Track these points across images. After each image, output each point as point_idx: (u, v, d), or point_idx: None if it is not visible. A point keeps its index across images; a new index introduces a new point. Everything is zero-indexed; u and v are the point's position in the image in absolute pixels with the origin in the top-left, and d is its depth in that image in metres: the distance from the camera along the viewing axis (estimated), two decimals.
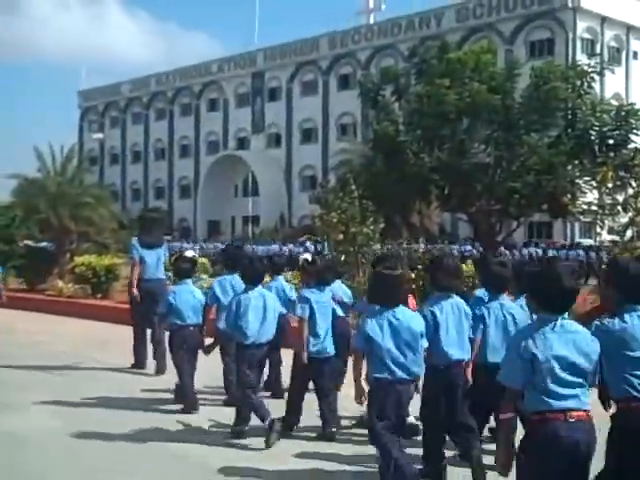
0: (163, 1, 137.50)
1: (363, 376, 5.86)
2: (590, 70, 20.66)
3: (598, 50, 47.55)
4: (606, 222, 21.14)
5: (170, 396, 9.25)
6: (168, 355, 9.53)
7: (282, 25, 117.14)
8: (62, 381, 10.80)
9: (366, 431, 6.25)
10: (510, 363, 4.06)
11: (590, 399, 4.12)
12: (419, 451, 6.37)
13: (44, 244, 27.24)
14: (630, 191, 20.60)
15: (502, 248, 26.61)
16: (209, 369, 9.36)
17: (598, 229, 24.48)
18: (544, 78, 20.05)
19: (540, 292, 4.12)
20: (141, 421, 8.37)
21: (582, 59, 31.29)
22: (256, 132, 66.91)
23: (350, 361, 6.69)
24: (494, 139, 20.56)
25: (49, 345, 13.97)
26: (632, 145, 19.89)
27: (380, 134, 20.86)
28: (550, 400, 3.94)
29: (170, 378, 9.71)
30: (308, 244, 33.35)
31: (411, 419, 6.80)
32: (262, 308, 7.59)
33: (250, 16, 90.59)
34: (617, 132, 19.51)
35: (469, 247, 32.64)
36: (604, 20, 50.14)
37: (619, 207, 20.26)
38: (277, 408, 7.81)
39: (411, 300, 7.21)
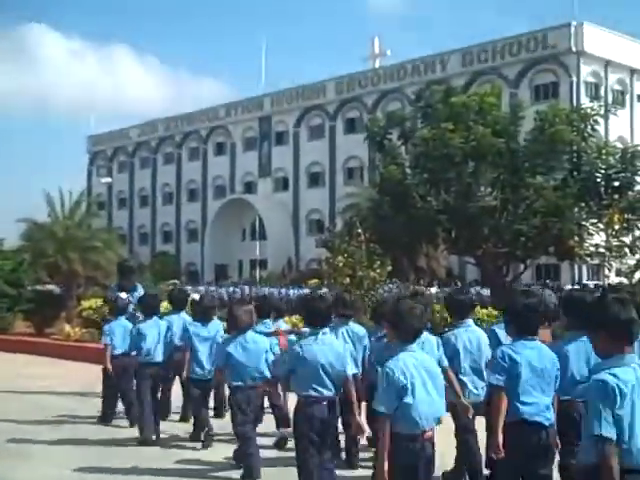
0: (172, 47, 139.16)
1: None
2: (594, 113, 20.77)
3: (602, 93, 48.04)
4: (613, 264, 21.20)
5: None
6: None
7: (289, 70, 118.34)
8: (69, 429, 10.78)
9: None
10: None
11: None
12: None
13: (52, 287, 27.34)
14: (637, 233, 20.66)
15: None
16: None
17: (606, 271, 24.54)
18: (549, 121, 20.15)
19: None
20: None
21: (586, 102, 31.61)
22: (263, 176, 67.22)
23: None
24: (500, 182, 20.62)
25: (52, 391, 13.97)
26: (638, 187, 19.94)
27: (387, 177, 20.94)
28: None
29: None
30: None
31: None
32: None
33: (257, 61, 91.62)
34: (622, 174, 19.56)
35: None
36: (608, 64, 50.54)
37: (626, 249, 20.34)
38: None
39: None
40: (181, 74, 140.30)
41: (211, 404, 10.54)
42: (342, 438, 7.87)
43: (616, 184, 19.74)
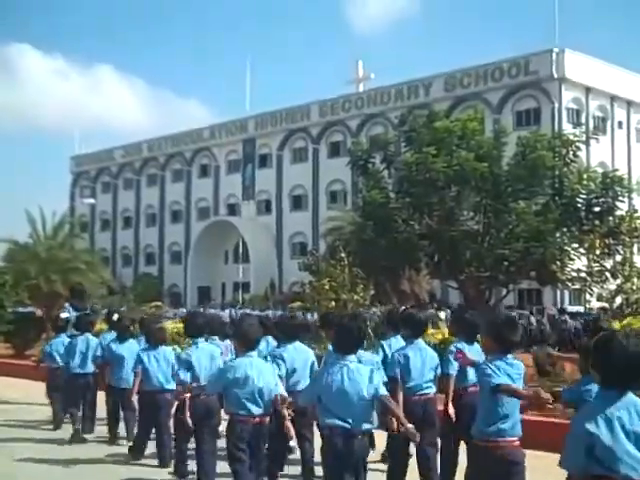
0: (157, 68, 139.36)
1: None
2: (576, 139, 20.95)
3: (583, 119, 48.48)
4: (595, 289, 21.31)
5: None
6: None
7: (273, 93, 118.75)
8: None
9: None
10: None
11: None
12: None
13: (32, 309, 27.14)
14: (618, 258, 20.81)
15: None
16: None
17: (587, 296, 24.67)
18: (531, 147, 20.30)
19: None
20: None
21: (568, 128, 31.88)
22: (246, 198, 67.28)
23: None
24: (482, 206, 20.72)
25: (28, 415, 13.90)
26: (618, 212, 20.10)
27: (369, 201, 21.00)
28: None
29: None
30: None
31: None
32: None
33: (241, 83, 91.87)
34: (603, 200, 19.71)
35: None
36: (589, 90, 51.06)
37: (607, 274, 20.46)
38: None
39: None
40: (166, 95, 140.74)
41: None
42: None
43: (597, 209, 19.89)
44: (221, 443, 8.04)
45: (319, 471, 6.79)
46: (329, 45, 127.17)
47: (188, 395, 8.29)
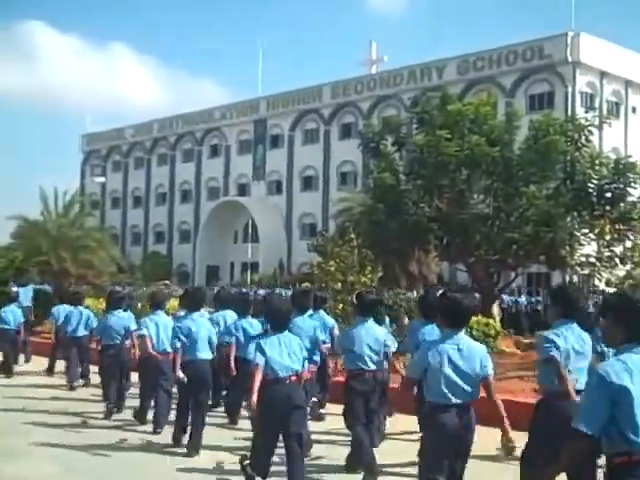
0: (171, 48, 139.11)
1: None
2: (588, 124, 20.84)
3: (597, 104, 48.16)
4: (604, 274, 21.26)
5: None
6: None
7: (285, 74, 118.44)
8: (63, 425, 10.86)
9: None
10: None
11: None
12: None
13: (43, 287, 27.26)
14: (628, 244, 20.74)
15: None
16: None
17: (596, 281, 24.62)
18: (543, 131, 20.20)
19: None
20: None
21: (581, 112, 31.67)
22: (257, 179, 67.24)
23: None
24: (493, 190, 20.67)
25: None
26: (630, 198, 20.01)
27: (380, 183, 20.97)
28: None
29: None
30: None
31: None
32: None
33: (254, 64, 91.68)
34: (615, 185, 19.62)
35: None
36: (603, 75, 50.72)
37: (617, 260, 20.41)
38: None
39: None
40: (180, 75, 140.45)
41: None
42: None
43: (608, 195, 19.80)
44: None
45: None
46: (342, 26, 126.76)
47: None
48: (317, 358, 9.88)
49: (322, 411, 11.20)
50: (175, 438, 9.68)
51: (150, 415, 10.82)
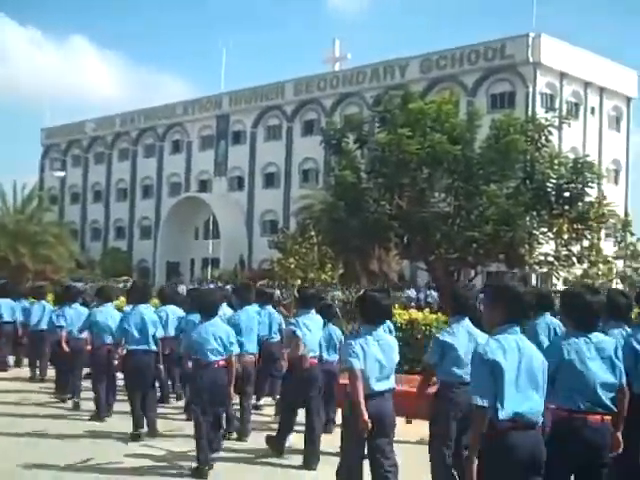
0: (134, 43, 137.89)
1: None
2: (548, 124, 21.00)
3: (557, 104, 48.66)
4: (561, 273, 21.49)
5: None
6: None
7: (249, 70, 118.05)
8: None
9: None
10: None
11: None
12: None
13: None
14: (585, 243, 20.98)
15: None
16: None
17: (554, 280, 24.86)
18: (504, 130, 20.32)
19: None
20: None
21: (541, 112, 31.92)
22: (219, 175, 66.97)
23: None
24: (454, 189, 20.74)
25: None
26: (587, 198, 20.22)
27: (341, 181, 20.95)
28: None
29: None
30: None
31: None
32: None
33: (218, 60, 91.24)
34: (573, 185, 19.80)
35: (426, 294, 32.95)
36: (563, 76, 51.28)
37: (574, 259, 20.63)
38: None
39: None
40: (142, 70, 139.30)
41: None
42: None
43: (567, 194, 19.98)
44: None
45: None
46: (306, 24, 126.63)
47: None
48: (253, 349, 10.17)
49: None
50: (135, 427, 9.82)
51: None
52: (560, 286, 26.47)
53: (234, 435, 9.71)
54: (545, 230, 20.55)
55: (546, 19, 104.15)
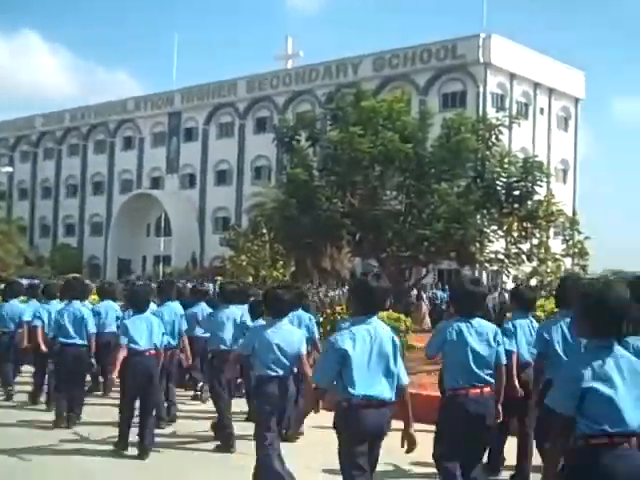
0: (84, 38, 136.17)
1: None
2: (499, 123, 21.23)
3: (507, 104, 49.27)
4: (511, 271, 21.76)
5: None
6: None
7: (201, 67, 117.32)
8: None
9: None
10: None
11: None
12: None
13: None
14: (534, 241, 21.26)
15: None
16: None
17: (504, 277, 25.14)
18: (455, 129, 20.49)
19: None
20: None
21: (492, 112, 32.30)
22: (171, 172, 66.55)
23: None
24: (405, 187, 20.87)
25: None
26: (536, 197, 20.50)
27: (293, 178, 20.96)
28: None
29: None
30: None
31: None
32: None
33: (169, 56, 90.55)
34: (522, 184, 20.05)
35: None
36: (513, 76, 51.90)
37: (523, 256, 20.91)
38: None
39: None
40: (94, 66, 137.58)
41: None
42: None
43: (516, 193, 20.23)
44: None
45: None
46: (259, 21, 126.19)
47: None
48: (174, 342, 10.47)
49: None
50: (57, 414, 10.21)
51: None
52: (510, 284, 26.79)
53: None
54: (495, 228, 20.79)
55: (497, 20, 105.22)
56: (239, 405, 10.47)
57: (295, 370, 7.21)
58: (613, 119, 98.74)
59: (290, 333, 7.21)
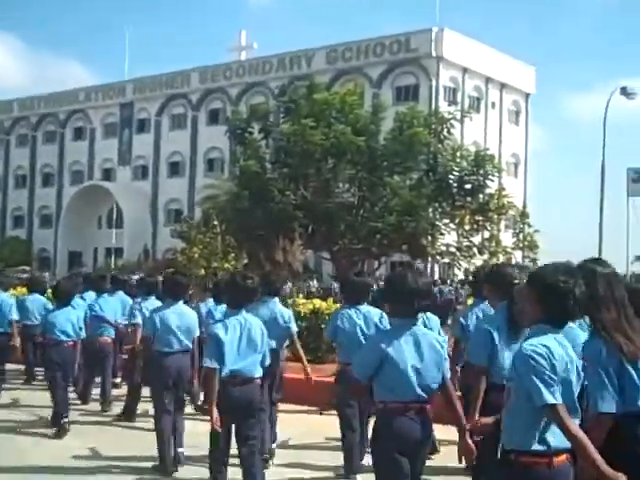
0: (36, 27, 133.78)
1: None
2: (451, 117, 21.39)
3: (459, 98, 49.63)
4: (463, 263, 21.94)
5: None
6: None
7: (155, 59, 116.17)
8: None
9: None
10: None
11: None
12: None
13: None
14: (486, 234, 21.46)
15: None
16: None
17: (456, 270, 25.34)
18: (407, 123, 20.62)
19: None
20: None
21: (444, 106, 32.52)
22: (122, 164, 65.83)
23: None
24: (358, 180, 20.96)
25: None
26: (488, 190, 20.71)
27: (246, 171, 20.91)
28: None
29: None
30: None
31: None
32: None
33: (122, 48, 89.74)
34: (474, 177, 20.26)
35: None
36: (465, 71, 52.25)
37: (475, 249, 21.10)
38: None
39: None
40: (43, 56, 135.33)
41: None
42: None
43: (468, 186, 20.43)
44: None
45: None
46: (213, 12, 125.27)
47: None
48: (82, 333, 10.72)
49: None
50: None
51: None
52: (461, 277, 27.00)
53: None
54: (447, 221, 20.97)
55: (450, 14, 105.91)
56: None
57: (190, 347, 7.75)
58: (563, 114, 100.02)
59: (186, 314, 7.83)
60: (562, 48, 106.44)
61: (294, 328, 8.12)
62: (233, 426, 6.10)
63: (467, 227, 20.89)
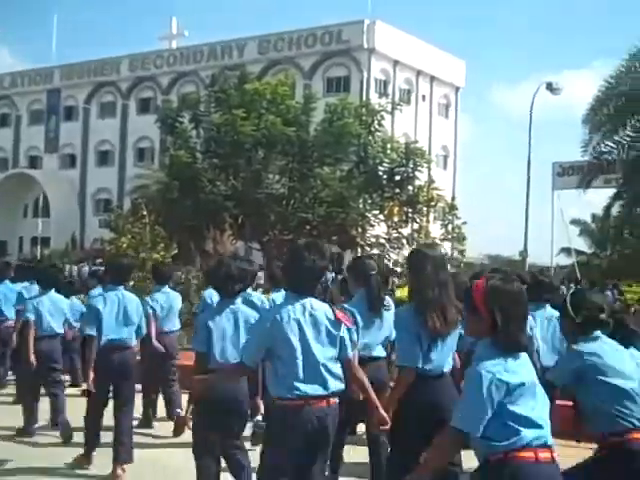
0: None
1: None
2: (381, 109, 21.55)
3: (390, 91, 49.99)
4: (392, 255, 22.16)
5: None
6: None
7: (83, 44, 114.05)
8: None
9: None
10: None
11: None
12: None
13: None
14: (415, 226, 21.71)
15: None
16: None
17: (385, 261, 25.54)
18: (338, 114, 20.71)
19: None
20: None
21: (375, 98, 32.70)
22: (49, 151, 64.56)
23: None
24: (289, 170, 21.00)
25: None
26: (417, 182, 20.95)
27: (176, 160, 20.77)
28: None
29: None
30: None
31: None
32: None
33: (49, 33, 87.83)
34: (404, 169, 20.47)
35: None
36: (396, 63, 52.61)
37: (404, 241, 21.34)
38: None
39: None
40: None
41: None
42: None
43: (398, 178, 20.64)
44: None
45: None
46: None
47: None
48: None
49: None
50: None
51: None
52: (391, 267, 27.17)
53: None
54: (377, 212, 21.16)
55: (383, 6, 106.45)
56: None
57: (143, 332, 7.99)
58: (493, 107, 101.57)
59: (129, 299, 7.93)
60: (494, 41, 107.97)
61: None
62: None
63: (396, 219, 21.11)
